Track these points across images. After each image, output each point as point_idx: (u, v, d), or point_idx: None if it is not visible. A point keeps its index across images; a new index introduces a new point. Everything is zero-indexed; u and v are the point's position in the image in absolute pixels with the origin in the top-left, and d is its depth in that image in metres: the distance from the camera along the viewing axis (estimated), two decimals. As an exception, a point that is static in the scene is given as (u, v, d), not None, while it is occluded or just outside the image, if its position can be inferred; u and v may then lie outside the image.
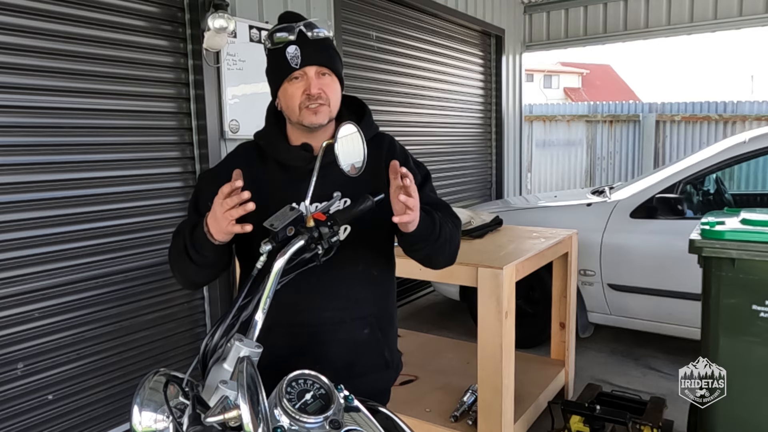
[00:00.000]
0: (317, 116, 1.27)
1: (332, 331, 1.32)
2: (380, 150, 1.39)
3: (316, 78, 1.26)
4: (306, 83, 1.26)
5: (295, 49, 1.24)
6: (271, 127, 1.39)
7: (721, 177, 4.06)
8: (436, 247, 1.29)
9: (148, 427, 0.93)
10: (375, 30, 4.25)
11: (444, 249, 1.32)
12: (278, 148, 1.35)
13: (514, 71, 6.35)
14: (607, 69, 30.09)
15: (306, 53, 1.25)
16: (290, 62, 1.24)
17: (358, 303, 1.34)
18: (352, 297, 1.34)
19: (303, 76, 1.26)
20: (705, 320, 2.15)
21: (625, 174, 8.77)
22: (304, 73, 1.26)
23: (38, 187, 2.34)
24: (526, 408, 2.64)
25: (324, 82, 1.28)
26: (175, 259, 1.30)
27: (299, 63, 1.25)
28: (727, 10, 5.37)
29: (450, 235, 1.32)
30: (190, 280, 1.35)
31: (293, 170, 1.32)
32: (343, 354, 1.33)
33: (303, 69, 1.25)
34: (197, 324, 3.01)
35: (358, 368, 1.35)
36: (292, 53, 1.24)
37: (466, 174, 5.69)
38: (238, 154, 1.43)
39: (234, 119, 2.97)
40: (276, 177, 1.34)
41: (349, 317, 1.33)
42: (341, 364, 1.32)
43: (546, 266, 2.89)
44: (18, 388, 2.31)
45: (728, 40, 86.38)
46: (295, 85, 1.27)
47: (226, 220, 1.10)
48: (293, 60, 1.24)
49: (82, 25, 2.45)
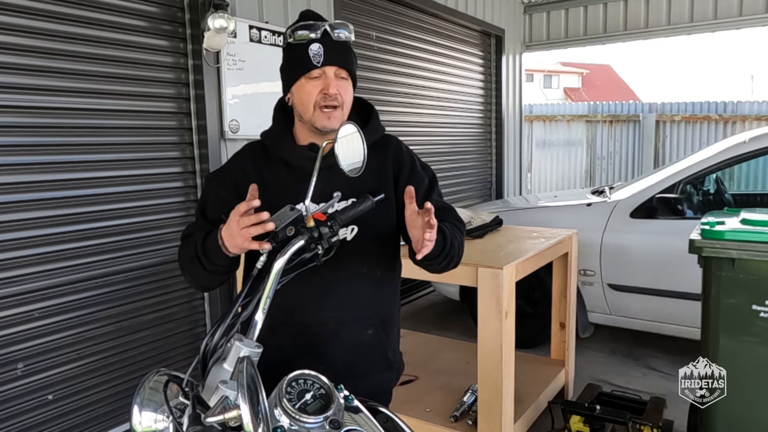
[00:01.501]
0: (331, 121, 1.28)
1: (336, 331, 1.32)
2: (386, 152, 1.40)
3: (335, 79, 1.28)
4: (324, 82, 1.27)
5: (318, 47, 1.25)
6: (278, 126, 1.38)
7: (721, 177, 4.06)
8: (447, 261, 1.32)
9: (148, 427, 0.93)
10: (375, 30, 4.25)
11: (452, 260, 1.34)
12: (285, 147, 1.35)
13: (514, 71, 6.35)
14: (607, 69, 30.09)
15: (328, 53, 1.26)
16: (312, 59, 1.25)
17: (362, 304, 1.35)
18: (356, 298, 1.34)
19: (322, 75, 1.27)
20: (705, 320, 2.15)
21: (625, 174, 8.77)
22: (324, 72, 1.27)
23: (38, 187, 2.34)
24: (526, 408, 2.64)
25: (341, 84, 1.29)
26: (187, 265, 1.30)
27: (321, 61, 1.26)
28: (727, 10, 5.37)
29: (458, 246, 1.35)
30: (202, 285, 1.35)
31: (299, 170, 1.32)
32: (346, 354, 1.33)
33: (323, 68, 1.27)
34: (197, 324, 3.01)
35: (361, 369, 1.35)
36: (315, 50, 1.25)
37: (466, 174, 5.69)
38: (244, 153, 1.42)
39: (234, 119, 2.97)
40: (281, 177, 1.34)
41: (352, 318, 1.34)
42: (344, 365, 1.32)
43: (546, 266, 2.89)
44: (18, 388, 2.31)
45: (728, 40, 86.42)
46: (313, 83, 1.27)
47: (242, 237, 1.09)
48: (315, 57, 1.25)
49: (82, 25, 2.45)
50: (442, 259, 1.29)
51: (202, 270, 1.24)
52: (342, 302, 1.32)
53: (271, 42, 3.13)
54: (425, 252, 1.15)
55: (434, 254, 1.24)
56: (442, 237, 1.27)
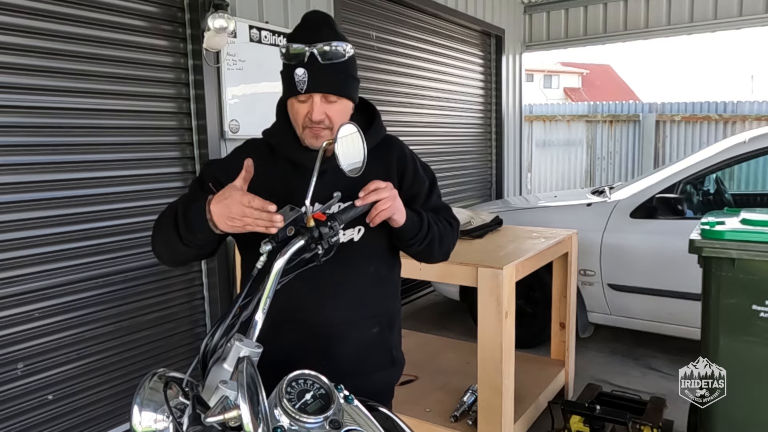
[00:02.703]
0: (318, 140, 1.27)
1: (344, 330, 1.33)
2: (390, 152, 1.41)
3: (320, 103, 1.25)
4: (309, 107, 1.25)
5: (303, 72, 1.23)
6: (283, 125, 1.37)
7: (721, 177, 4.06)
8: (426, 242, 1.35)
9: (148, 427, 0.92)
10: (375, 30, 4.25)
11: (434, 244, 1.37)
12: (291, 147, 1.35)
13: (514, 71, 6.35)
14: (607, 69, 30.09)
15: (313, 79, 1.23)
16: (296, 85, 1.24)
17: (368, 303, 1.36)
18: (364, 297, 1.36)
19: (309, 99, 1.25)
20: (705, 320, 2.15)
21: (625, 174, 8.77)
22: (310, 97, 1.25)
23: (38, 187, 2.34)
24: (526, 408, 2.64)
25: (329, 108, 1.27)
26: (162, 231, 1.23)
27: (305, 88, 1.23)
28: (727, 10, 5.37)
29: (441, 233, 1.38)
30: (170, 257, 1.29)
31: (305, 170, 1.30)
32: (353, 352, 1.34)
33: (309, 93, 1.25)
34: (197, 324, 3.01)
35: (367, 366, 1.37)
36: (300, 76, 1.23)
37: (466, 174, 5.69)
38: (249, 149, 1.40)
39: (234, 119, 2.97)
40: (289, 177, 1.33)
41: (359, 317, 1.35)
42: (351, 362, 1.33)
43: (546, 266, 2.89)
44: (18, 388, 2.31)
45: (728, 40, 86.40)
46: (300, 104, 1.27)
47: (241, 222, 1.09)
48: (299, 84, 1.23)
49: (82, 25, 2.45)
50: (422, 239, 1.34)
51: (177, 239, 1.18)
52: (350, 302, 1.33)
53: (271, 42, 3.13)
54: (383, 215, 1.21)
55: (410, 230, 1.30)
56: (419, 218, 1.33)
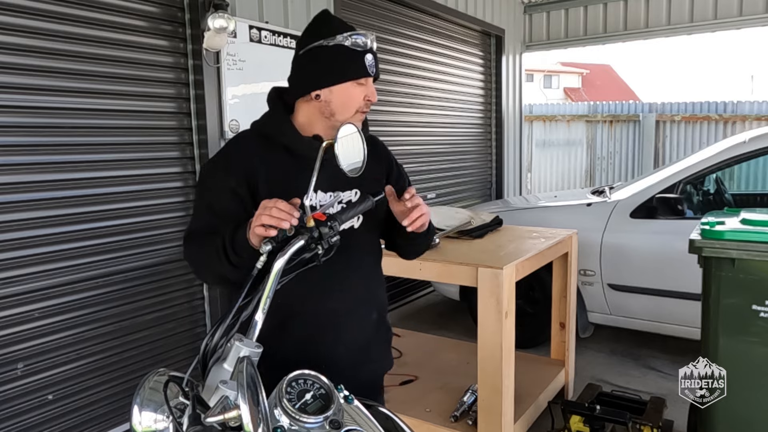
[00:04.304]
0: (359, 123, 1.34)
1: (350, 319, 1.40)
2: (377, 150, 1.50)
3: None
4: (369, 90, 1.35)
5: (372, 58, 1.33)
6: (280, 114, 1.38)
7: (721, 177, 4.06)
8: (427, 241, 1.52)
9: (148, 427, 0.93)
10: (375, 30, 4.24)
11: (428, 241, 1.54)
12: (290, 137, 1.36)
13: (514, 71, 6.35)
14: (607, 69, 30.08)
15: (377, 65, 1.36)
16: (368, 68, 1.32)
17: (369, 291, 1.46)
18: (367, 286, 1.45)
19: (367, 83, 1.35)
20: (705, 320, 2.15)
21: (625, 174, 8.77)
22: (368, 81, 1.35)
23: (38, 187, 2.34)
24: (526, 408, 2.64)
25: None
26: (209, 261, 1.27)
27: (375, 72, 1.34)
28: (727, 10, 5.37)
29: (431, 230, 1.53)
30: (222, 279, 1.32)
31: (304, 159, 1.31)
32: (360, 338, 1.42)
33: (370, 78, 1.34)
34: (197, 324, 3.01)
35: (373, 352, 1.47)
36: (370, 61, 1.32)
37: (466, 174, 5.69)
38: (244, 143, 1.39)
39: (234, 119, 2.97)
40: (288, 169, 1.33)
41: (363, 305, 1.44)
42: (358, 347, 1.41)
43: (546, 266, 2.88)
44: (18, 388, 2.31)
45: (728, 40, 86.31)
46: (360, 88, 1.33)
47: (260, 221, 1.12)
48: (371, 68, 1.33)
49: (82, 25, 2.45)
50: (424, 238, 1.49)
51: (227, 264, 1.22)
52: (353, 290, 1.40)
53: (271, 42, 3.13)
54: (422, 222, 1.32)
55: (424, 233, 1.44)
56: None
